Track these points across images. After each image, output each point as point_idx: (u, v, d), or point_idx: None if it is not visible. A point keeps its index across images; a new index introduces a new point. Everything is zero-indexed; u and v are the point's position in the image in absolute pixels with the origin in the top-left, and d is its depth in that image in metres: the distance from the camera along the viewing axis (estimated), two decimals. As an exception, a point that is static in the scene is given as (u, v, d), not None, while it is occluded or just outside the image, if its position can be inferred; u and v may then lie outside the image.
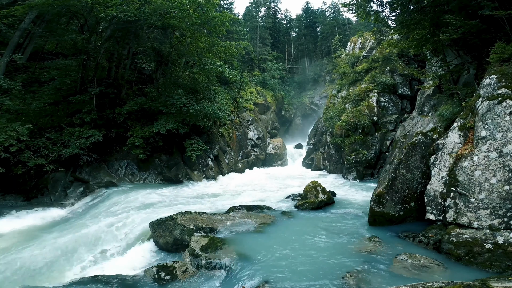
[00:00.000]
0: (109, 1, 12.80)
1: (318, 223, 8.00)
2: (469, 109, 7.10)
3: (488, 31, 8.04)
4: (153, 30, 15.64)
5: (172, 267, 5.67)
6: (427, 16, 9.34)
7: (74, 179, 12.68)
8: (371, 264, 5.42)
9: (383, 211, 7.44)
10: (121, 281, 5.39)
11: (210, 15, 15.71)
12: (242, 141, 21.77)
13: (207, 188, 13.99)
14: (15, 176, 11.15)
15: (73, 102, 13.10)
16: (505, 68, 6.46)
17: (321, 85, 38.50)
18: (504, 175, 5.56)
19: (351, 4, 11.70)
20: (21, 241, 7.70)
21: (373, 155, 16.47)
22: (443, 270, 5.20)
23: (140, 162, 14.21)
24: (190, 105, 14.27)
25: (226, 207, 9.57)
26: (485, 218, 5.62)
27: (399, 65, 18.81)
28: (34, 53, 14.69)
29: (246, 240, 6.74)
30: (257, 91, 28.95)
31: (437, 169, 6.71)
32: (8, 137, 10.07)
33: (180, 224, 7.25)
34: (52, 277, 6.19)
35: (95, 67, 14.62)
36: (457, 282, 3.54)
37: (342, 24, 44.13)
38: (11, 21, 12.05)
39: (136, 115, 14.87)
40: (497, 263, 5.12)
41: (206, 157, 16.71)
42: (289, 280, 4.92)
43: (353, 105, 18.60)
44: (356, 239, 6.73)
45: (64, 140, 12.19)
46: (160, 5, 13.26)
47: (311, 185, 10.73)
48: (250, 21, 41.51)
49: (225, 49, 18.16)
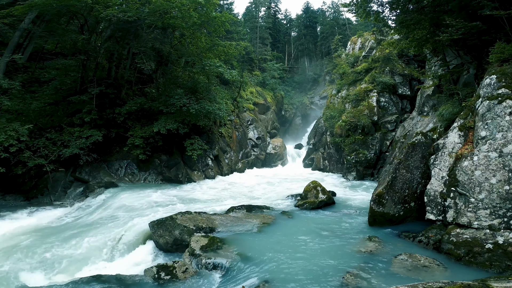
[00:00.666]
0: (109, 1, 12.79)
1: (318, 223, 8.00)
2: (469, 109, 7.10)
3: (488, 31, 8.04)
4: (153, 30, 15.64)
5: (172, 267, 5.67)
6: (427, 16, 9.34)
7: (74, 179, 12.68)
8: (371, 264, 5.42)
9: (383, 211, 7.43)
10: (121, 281, 5.38)
11: (210, 15, 15.71)
12: (242, 141, 21.77)
13: (207, 188, 13.98)
14: (15, 176, 11.14)
15: (73, 102, 13.10)
16: (505, 68, 6.46)
17: (321, 85, 38.51)
18: (504, 175, 5.56)
19: (351, 4, 11.70)
20: (21, 241, 7.70)
21: (373, 155, 16.47)
22: (443, 270, 5.19)
23: (140, 162, 14.21)
24: (190, 105, 14.27)
25: (226, 207, 9.57)
26: (485, 218, 5.61)
27: (399, 65, 18.81)
28: (34, 53, 14.69)
29: (246, 240, 6.75)
30: (257, 91, 28.94)
31: (437, 169, 6.71)
32: (8, 137, 10.07)
33: (180, 224, 7.26)
34: (51, 277, 6.19)
35: (95, 67, 14.62)
36: (457, 282, 3.54)
37: (342, 24, 44.13)
38: (11, 21, 12.04)
39: (136, 115, 14.87)
40: (497, 263, 5.11)
41: (206, 157, 16.71)
42: (289, 280, 4.91)
43: (353, 105, 18.61)
44: (356, 239, 6.73)
45: (64, 140, 12.19)
46: (160, 5, 13.25)
47: (311, 185, 10.73)
48: (250, 21, 41.49)
49: (225, 49, 18.16)
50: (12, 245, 7.42)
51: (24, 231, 8.43)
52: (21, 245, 7.37)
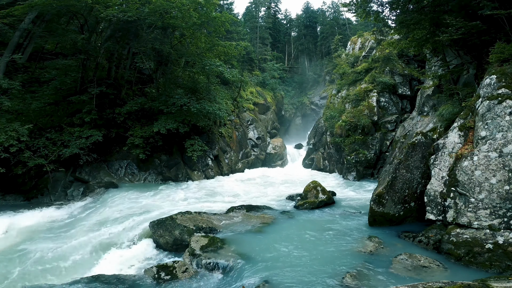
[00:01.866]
0: (109, 1, 12.79)
1: (318, 223, 8.01)
2: (469, 109, 7.10)
3: (488, 31, 8.04)
4: (153, 30, 15.63)
5: (172, 267, 5.67)
6: (427, 16, 9.34)
7: (74, 179, 12.68)
8: (371, 264, 5.42)
9: (383, 211, 7.43)
10: (121, 281, 5.38)
11: (210, 15, 15.70)
12: (242, 141, 21.76)
13: (207, 188, 13.98)
14: (15, 176, 11.14)
15: (73, 102, 13.10)
16: (505, 68, 6.46)
17: (321, 85, 38.51)
18: (504, 175, 5.56)
19: (351, 4, 11.71)
20: (21, 241, 7.69)
21: (373, 155, 16.47)
22: (443, 270, 5.20)
23: (140, 162, 14.21)
24: (190, 104, 14.28)
25: (226, 207, 9.57)
26: (485, 218, 5.61)
27: (399, 65, 18.81)
28: (34, 53, 14.69)
29: (246, 240, 6.75)
30: (257, 91, 28.93)
31: (437, 169, 6.71)
32: (8, 137, 10.07)
33: (180, 224, 7.26)
34: (51, 277, 6.18)
35: (95, 67, 14.62)
36: (457, 282, 3.54)
37: (342, 24, 44.13)
38: (11, 21, 12.05)
39: (136, 115, 14.87)
40: (497, 263, 5.12)
41: (206, 157, 16.71)
42: (289, 280, 4.92)
43: (353, 105, 18.60)
44: (356, 239, 6.73)
45: (64, 140, 12.19)
46: (160, 5, 13.25)
47: (311, 185, 10.73)
48: (250, 21, 41.49)
49: (225, 49, 18.16)
50: (12, 245, 7.42)
51: (24, 231, 8.43)
52: (21, 245, 7.37)
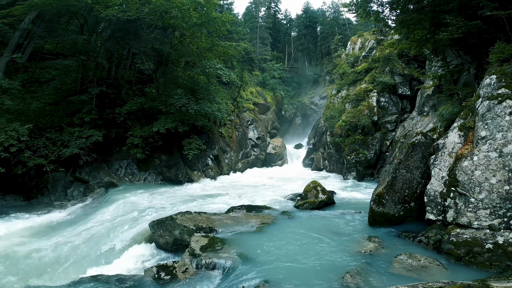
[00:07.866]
0: (109, 1, 12.79)
1: (318, 223, 8.00)
2: (469, 109, 7.10)
3: (488, 31, 8.04)
4: (153, 30, 15.63)
5: (172, 267, 5.67)
6: (427, 16, 9.34)
7: (74, 179, 12.68)
8: (371, 264, 5.42)
9: (383, 211, 7.43)
10: (121, 281, 5.38)
11: (210, 15, 15.69)
12: (242, 141, 21.77)
13: (207, 188, 13.98)
14: (15, 176, 11.14)
15: (73, 102, 13.10)
16: (505, 68, 6.46)
17: (321, 85, 38.51)
18: (504, 175, 5.56)
19: (351, 4, 11.71)
20: (21, 241, 7.69)
21: (373, 155, 16.47)
22: (443, 270, 5.19)
23: (140, 162, 14.21)
24: (189, 105, 14.27)
25: (226, 207, 9.57)
26: (485, 218, 5.61)
27: (399, 65, 18.80)
28: (34, 53, 14.69)
29: (246, 240, 6.74)
30: (257, 91, 28.93)
31: (437, 169, 6.70)
32: (8, 137, 10.07)
33: (180, 224, 7.26)
34: (51, 277, 6.19)
35: (95, 67, 14.62)
36: (457, 282, 3.54)
37: (342, 24, 44.13)
38: (11, 21, 12.05)
39: (136, 115, 14.87)
40: (497, 263, 5.11)
41: (206, 157, 16.71)
42: (289, 280, 4.91)
43: (353, 105, 18.60)
44: (356, 239, 6.73)
45: (64, 140, 12.19)
46: (160, 5, 13.25)
47: (311, 185, 10.72)
48: (250, 21, 41.49)
49: (225, 50, 18.17)
50: (12, 245, 7.42)
51: (24, 231, 8.43)
52: (21, 245, 7.36)
